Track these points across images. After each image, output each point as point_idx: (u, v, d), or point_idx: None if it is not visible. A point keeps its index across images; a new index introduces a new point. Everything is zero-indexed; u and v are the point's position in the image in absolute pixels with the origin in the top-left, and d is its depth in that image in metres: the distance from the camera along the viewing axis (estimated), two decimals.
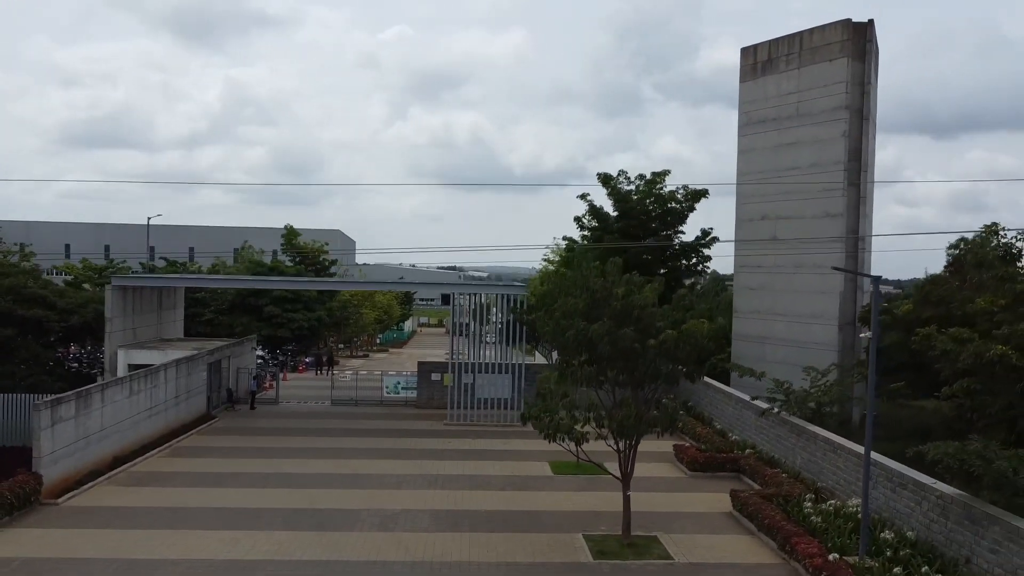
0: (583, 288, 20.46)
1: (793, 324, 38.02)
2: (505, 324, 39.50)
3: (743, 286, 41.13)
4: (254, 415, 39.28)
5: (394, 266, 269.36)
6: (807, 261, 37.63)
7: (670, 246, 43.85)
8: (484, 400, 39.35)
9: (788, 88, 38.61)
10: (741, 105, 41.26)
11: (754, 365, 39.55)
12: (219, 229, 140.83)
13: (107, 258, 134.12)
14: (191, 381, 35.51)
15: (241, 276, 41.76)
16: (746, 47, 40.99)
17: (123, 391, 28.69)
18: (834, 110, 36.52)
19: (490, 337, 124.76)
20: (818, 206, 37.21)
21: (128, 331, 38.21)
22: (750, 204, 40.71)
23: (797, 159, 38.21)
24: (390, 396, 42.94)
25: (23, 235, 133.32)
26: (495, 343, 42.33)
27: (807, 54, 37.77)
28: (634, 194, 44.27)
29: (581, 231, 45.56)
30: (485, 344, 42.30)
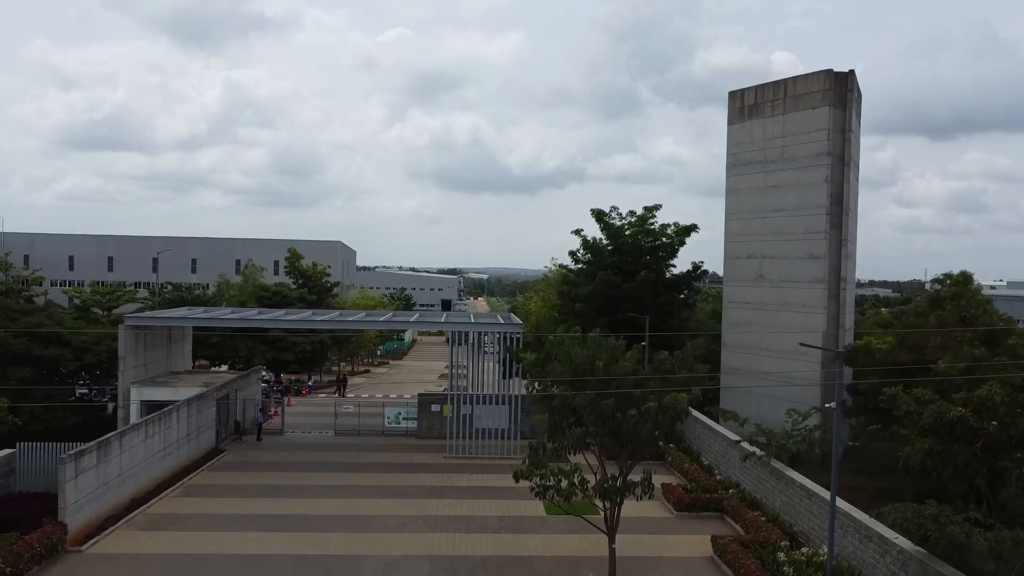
0: (567, 359, 21.93)
1: (779, 359, 39.55)
2: (502, 360, 40.98)
3: (731, 321, 42.68)
4: (261, 447, 40.84)
5: (393, 271, 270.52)
6: (792, 299, 39.28)
7: (661, 280, 45.39)
8: (483, 430, 40.86)
9: (773, 133, 40.18)
10: (729, 147, 42.85)
11: (742, 398, 41.37)
12: (220, 241, 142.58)
13: (110, 269, 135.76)
14: (201, 418, 37.10)
15: (249, 313, 43.26)
16: (734, 91, 42.56)
17: (139, 436, 30.27)
18: (817, 156, 38.09)
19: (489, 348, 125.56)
20: (802, 247, 38.78)
21: (140, 367, 39.78)
22: (737, 242, 42.28)
23: (782, 201, 39.78)
24: (391, 426, 44.44)
25: (27, 246, 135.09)
26: (495, 352, 43.30)
27: (791, 101, 39.34)
28: (626, 229, 45.80)
29: (576, 264, 47.10)
30: (485, 354, 43.28)
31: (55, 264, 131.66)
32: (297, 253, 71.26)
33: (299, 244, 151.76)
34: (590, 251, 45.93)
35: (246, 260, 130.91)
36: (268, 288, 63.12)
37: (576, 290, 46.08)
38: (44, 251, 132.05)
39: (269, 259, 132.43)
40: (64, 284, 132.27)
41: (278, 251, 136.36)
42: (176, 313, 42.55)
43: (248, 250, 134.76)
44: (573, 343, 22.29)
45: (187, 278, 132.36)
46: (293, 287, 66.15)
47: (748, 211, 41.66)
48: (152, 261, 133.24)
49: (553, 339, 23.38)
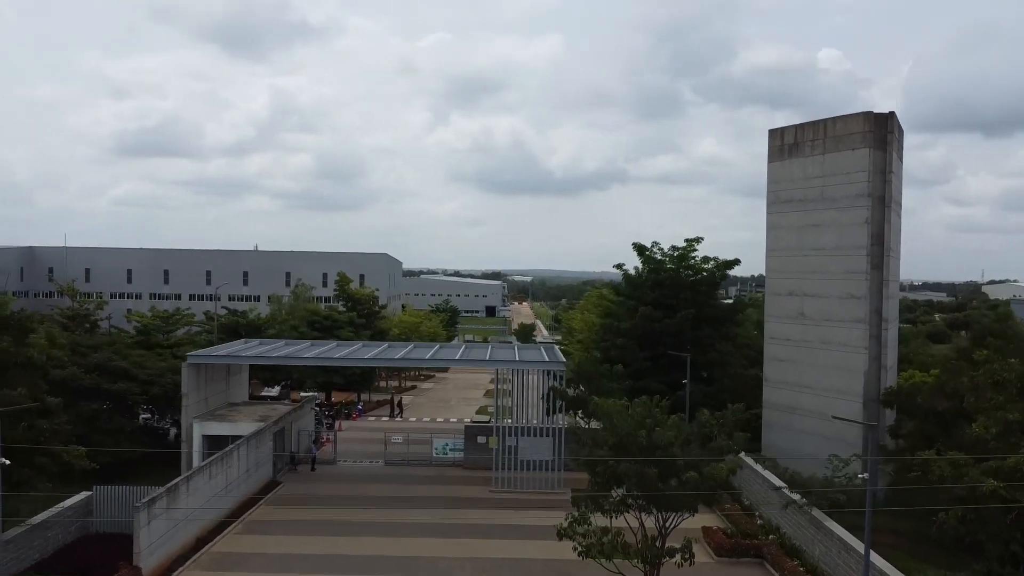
0: (611, 427, 22.96)
1: (820, 397, 39.96)
2: (546, 396, 42.06)
3: (772, 356, 43.15)
4: (315, 478, 42.62)
5: (438, 277, 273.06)
6: (833, 338, 39.64)
7: (702, 314, 46.01)
8: (527, 462, 42.02)
9: (813, 172, 40.59)
10: (769, 184, 43.32)
11: (783, 434, 41.89)
12: (270, 254, 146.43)
13: (166, 282, 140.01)
14: (259, 453, 38.97)
15: (301, 347, 45.12)
16: (773, 129, 43.03)
17: (204, 477, 32.13)
18: (857, 197, 38.43)
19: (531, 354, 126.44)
20: (842, 287, 39.14)
21: (201, 401, 41.86)
22: (778, 279, 42.77)
23: (822, 240, 40.18)
24: (439, 456, 45.86)
25: (87, 260, 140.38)
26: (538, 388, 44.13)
27: (831, 142, 39.71)
28: (668, 263, 46.54)
29: (619, 296, 47.96)
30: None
31: (114, 277, 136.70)
32: (346, 277, 73.31)
33: (346, 257, 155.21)
34: (631, 285, 46.76)
35: (295, 276, 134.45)
36: (319, 313, 65.23)
37: (618, 324, 46.99)
38: (104, 265, 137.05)
39: (317, 271, 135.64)
40: (122, 296, 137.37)
41: (325, 264, 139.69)
42: (234, 348, 44.53)
43: (297, 263, 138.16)
44: (619, 411, 23.26)
45: (239, 290, 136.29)
46: (342, 310, 68.14)
47: (788, 248, 42.12)
48: (206, 274, 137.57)
49: (598, 402, 24.36)
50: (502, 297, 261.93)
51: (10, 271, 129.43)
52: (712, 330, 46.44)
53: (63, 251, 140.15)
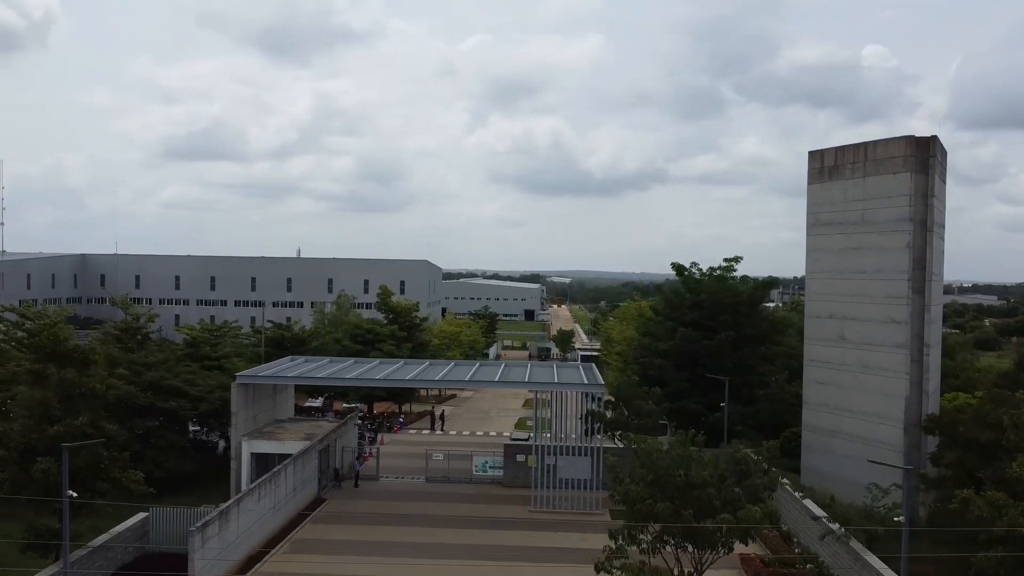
0: (648, 465, 23.42)
1: (860, 421, 39.84)
2: (584, 417, 42.54)
3: (812, 379, 43.06)
4: (358, 495, 43.70)
5: (477, 281, 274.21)
6: (873, 362, 39.48)
7: (741, 334, 46.07)
8: (565, 480, 42.56)
9: (854, 195, 40.46)
10: (809, 206, 43.25)
11: (823, 456, 41.80)
12: (313, 261, 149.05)
13: (212, 288, 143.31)
14: (305, 471, 40.14)
15: (343, 365, 46.32)
16: (813, 151, 42.95)
17: (253, 499, 33.31)
18: (898, 221, 38.24)
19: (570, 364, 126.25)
20: (883, 311, 38.96)
21: (249, 419, 43.21)
22: (818, 302, 42.68)
23: (863, 264, 40.03)
24: (479, 474, 46.63)
25: (137, 267, 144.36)
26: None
27: (872, 165, 39.55)
28: (707, 282, 46.68)
29: (657, 316, 48.23)
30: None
31: (162, 283, 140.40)
32: (388, 290, 74.52)
33: (387, 264, 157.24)
34: (670, 306, 47.03)
35: (337, 283, 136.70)
36: (361, 327, 66.56)
37: (656, 344, 47.28)
38: (153, 272, 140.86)
39: (359, 278, 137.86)
40: (170, 302, 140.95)
41: (367, 271, 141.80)
42: (280, 368, 45.84)
43: (339, 270, 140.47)
44: (656, 450, 23.70)
45: (283, 296, 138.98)
46: (384, 323, 69.38)
47: (829, 271, 42.02)
48: (251, 281, 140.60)
49: (635, 438, 24.82)
50: (541, 301, 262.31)
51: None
52: (751, 351, 46.45)
53: (114, 258, 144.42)
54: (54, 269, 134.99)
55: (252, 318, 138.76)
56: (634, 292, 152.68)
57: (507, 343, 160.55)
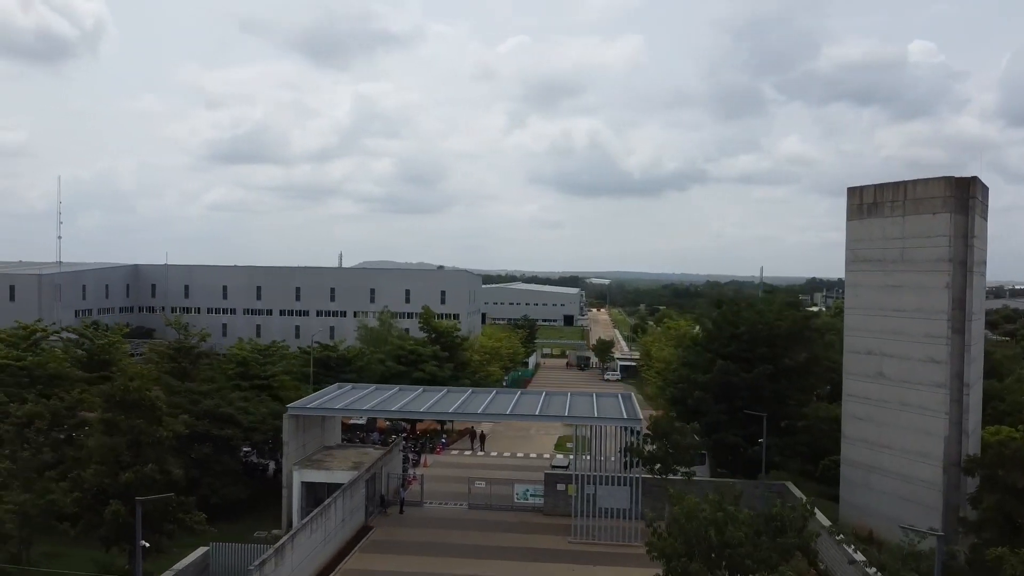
0: (681, 529, 24.26)
1: (899, 458, 40.08)
2: (623, 450, 43.37)
3: (851, 414, 43.34)
4: (403, 521, 45.13)
5: (516, 286, 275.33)
6: (912, 400, 39.68)
7: (779, 367, 46.47)
8: (605, 510, 43.47)
9: (893, 233, 40.68)
10: (848, 241, 43.54)
11: (861, 492, 42.10)
12: (355, 272, 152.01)
13: (258, 298, 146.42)
14: (353, 501, 41.68)
15: (388, 394, 47.82)
16: (853, 188, 43.22)
17: (306, 533, 34.88)
18: (937, 261, 38.41)
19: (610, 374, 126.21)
20: (922, 350, 39.14)
21: (299, 448, 44.94)
22: (857, 337, 42.94)
23: (902, 302, 40.23)
24: (520, 502, 47.76)
25: (186, 277, 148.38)
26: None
27: (911, 204, 39.75)
28: (744, 315, 47.16)
29: (696, 346, 48.84)
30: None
31: (210, 293, 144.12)
32: (430, 311, 76.10)
33: (428, 274, 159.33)
34: (709, 338, 47.61)
35: (379, 292, 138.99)
36: (404, 347, 68.20)
37: (695, 375, 47.93)
38: (201, 281, 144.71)
39: (400, 288, 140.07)
40: (218, 311, 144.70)
41: (408, 281, 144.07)
42: (328, 397, 47.49)
43: (380, 280, 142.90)
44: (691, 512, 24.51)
45: (326, 306, 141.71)
46: (426, 343, 70.93)
47: (867, 307, 42.27)
48: (295, 290, 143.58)
49: (673, 495, 25.62)
50: (580, 305, 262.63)
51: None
52: (790, 382, 46.83)
53: (164, 269, 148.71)
54: (107, 280, 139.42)
55: (296, 327, 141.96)
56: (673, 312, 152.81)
57: (546, 351, 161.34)
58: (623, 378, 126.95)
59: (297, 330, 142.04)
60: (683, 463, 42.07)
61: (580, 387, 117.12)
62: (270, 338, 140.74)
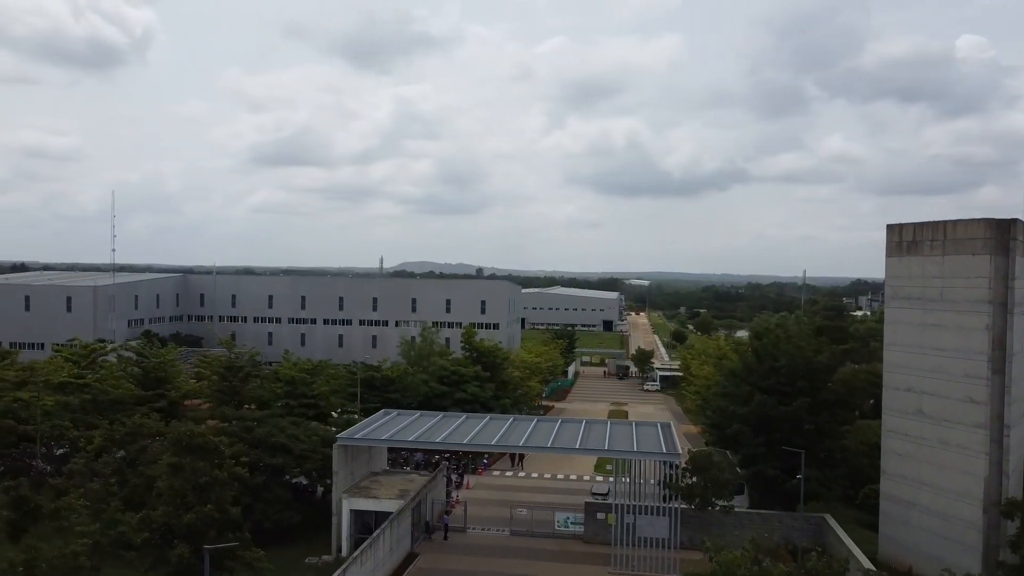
0: None
1: (938, 496, 40.32)
2: (661, 482, 44.19)
3: (891, 450, 43.61)
4: (448, 548, 46.56)
5: (555, 292, 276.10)
6: (952, 439, 39.91)
7: (818, 400, 46.82)
8: (644, 539, 44.38)
9: (932, 272, 40.89)
10: (888, 278, 43.83)
11: (901, 528, 42.44)
12: (397, 282, 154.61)
13: (303, 307, 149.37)
14: (400, 529, 43.21)
15: (433, 423, 49.22)
16: (892, 225, 43.49)
17: (357, 566, 36.44)
18: (977, 302, 38.59)
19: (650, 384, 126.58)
20: (962, 389, 39.35)
21: (348, 476, 46.65)
22: (896, 374, 43.20)
23: (941, 341, 40.44)
24: (561, 529, 48.86)
25: (233, 286, 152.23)
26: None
27: (951, 244, 39.95)
28: (783, 347, 47.62)
29: (734, 376, 49.43)
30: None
31: (256, 302, 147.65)
32: (471, 331, 77.54)
33: (469, 284, 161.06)
34: (747, 369, 48.15)
35: (421, 302, 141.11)
36: (447, 368, 69.75)
37: (733, 407, 48.54)
38: (248, 291, 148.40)
39: (441, 298, 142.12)
40: (264, 320, 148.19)
41: (449, 291, 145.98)
42: (375, 427, 49.08)
43: (422, 290, 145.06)
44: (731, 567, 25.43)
45: (369, 315, 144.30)
46: (468, 363, 72.41)
47: (907, 345, 42.51)
48: (339, 300, 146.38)
49: (710, 545, 26.53)
50: (619, 310, 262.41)
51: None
52: (829, 414, 47.17)
53: (213, 279, 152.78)
54: (158, 290, 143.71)
55: (340, 336, 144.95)
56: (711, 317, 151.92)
57: (585, 359, 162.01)
58: (662, 388, 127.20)
59: (340, 339, 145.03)
60: (721, 497, 42.77)
61: (619, 397, 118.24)
62: (314, 347, 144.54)
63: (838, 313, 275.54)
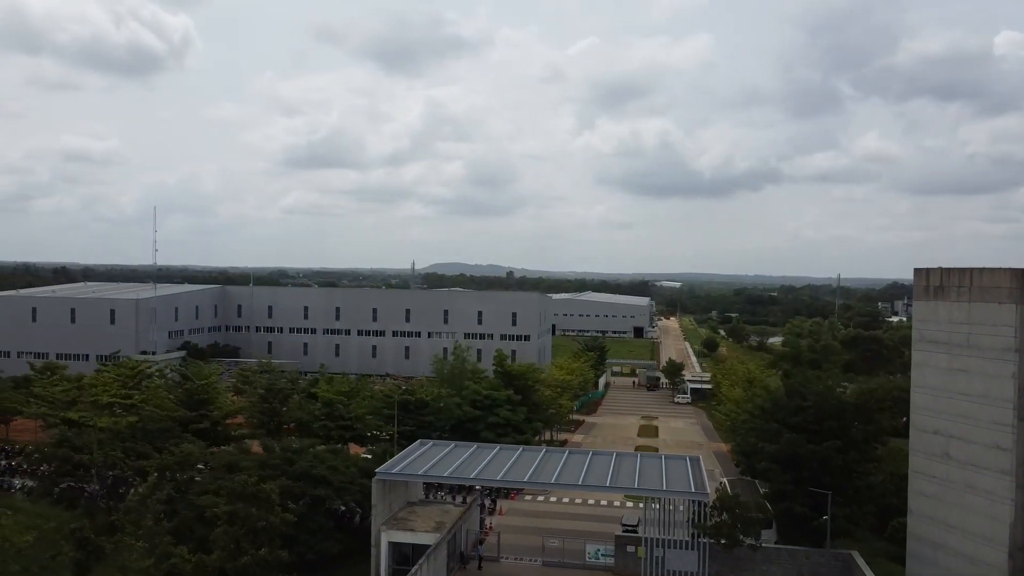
0: None
1: (965, 539, 40.92)
2: (690, 520, 45.28)
3: (918, 490, 44.23)
4: None
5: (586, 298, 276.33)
6: (978, 484, 40.49)
7: (847, 439, 47.56)
8: (673, 572, 45.57)
9: (959, 318, 41.49)
10: (915, 321, 44.47)
11: (928, 568, 43.16)
12: (430, 294, 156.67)
13: (337, 318, 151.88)
14: (437, 562, 44.84)
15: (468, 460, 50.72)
16: (919, 269, 44.10)
17: None
18: (1003, 350, 39.15)
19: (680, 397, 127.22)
20: (989, 435, 39.93)
21: (386, 508, 48.40)
22: (923, 416, 43.83)
23: (968, 386, 41.03)
24: (592, 561, 50.17)
25: (270, 298, 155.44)
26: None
27: (976, 292, 40.53)
28: (812, 386, 48.43)
29: (765, 413, 50.33)
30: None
31: (292, 313, 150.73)
32: (503, 354, 79.08)
33: (500, 296, 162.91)
34: (776, 406, 49.02)
35: (452, 314, 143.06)
36: (480, 393, 71.37)
37: (761, 444, 49.45)
38: (284, 303, 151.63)
39: (473, 310, 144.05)
40: (299, 331, 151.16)
41: (480, 303, 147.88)
42: (410, 460, 50.77)
43: (454, 302, 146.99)
44: None
45: (402, 327, 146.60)
46: (500, 386, 73.96)
47: (934, 387, 43.12)
48: (372, 311, 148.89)
49: None
50: (649, 315, 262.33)
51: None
52: (858, 452, 47.87)
53: (250, 290, 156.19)
54: (197, 301, 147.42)
55: (373, 347, 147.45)
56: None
57: (616, 369, 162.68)
58: (693, 401, 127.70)
59: (374, 350, 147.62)
60: (749, 534, 43.77)
61: (650, 411, 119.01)
62: (348, 357, 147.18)
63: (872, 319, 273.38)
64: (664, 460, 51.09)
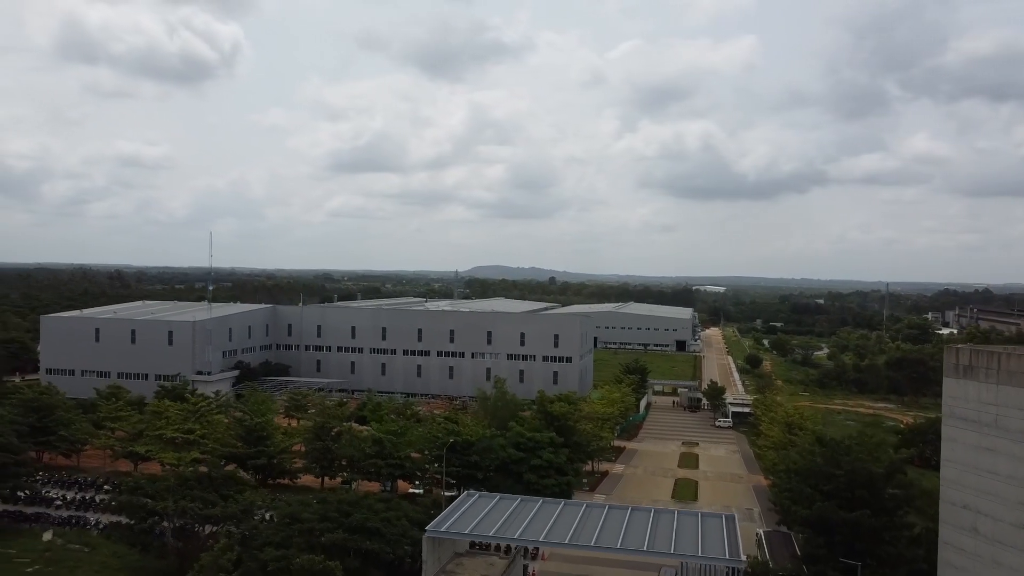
0: None
1: None
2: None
3: (947, 561, 45.58)
4: None
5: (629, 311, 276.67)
6: (1005, 561, 41.81)
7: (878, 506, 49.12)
8: None
9: (988, 398, 42.80)
10: (945, 397, 45.76)
11: None
12: (472, 315, 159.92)
13: (383, 338, 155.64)
14: None
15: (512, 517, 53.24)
16: (950, 346, 45.44)
17: None
18: None
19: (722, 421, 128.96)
20: (1015, 515, 41.22)
21: (435, 561, 51.34)
22: (953, 489, 45.16)
23: (995, 465, 42.33)
24: None
25: (319, 318, 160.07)
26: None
27: (1004, 375, 41.81)
28: (844, 454, 50.09)
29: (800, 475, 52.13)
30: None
31: (340, 333, 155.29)
32: (545, 396, 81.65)
33: (542, 318, 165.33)
34: (809, 472, 50.74)
35: (495, 335, 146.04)
36: (523, 435, 74.04)
37: (796, 508, 51.23)
38: (332, 322, 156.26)
39: (516, 332, 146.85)
40: (347, 350, 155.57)
41: (523, 324, 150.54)
42: (458, 516, 53.58)
43: (496, 323, 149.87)
44: None
45: (446, 347, 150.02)
46: (543, 428, 76.57)
47: (963, 463, 44.43)
48: (417, 332, 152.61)
49: None
50: (692, 328, 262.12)
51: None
52: (889, 518, 49.34)
53: (299, 310, 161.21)
54: (250, 322, 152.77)
55: (418, 366, 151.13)
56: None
57: (657, 387, 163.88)
58: (735, 425, 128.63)
59: (419, 369, 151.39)
60: None
61: (690, 435, 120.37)
62: (394, 376, 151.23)
63: (922, 331, 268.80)
64: (700, 519, 53.08)
